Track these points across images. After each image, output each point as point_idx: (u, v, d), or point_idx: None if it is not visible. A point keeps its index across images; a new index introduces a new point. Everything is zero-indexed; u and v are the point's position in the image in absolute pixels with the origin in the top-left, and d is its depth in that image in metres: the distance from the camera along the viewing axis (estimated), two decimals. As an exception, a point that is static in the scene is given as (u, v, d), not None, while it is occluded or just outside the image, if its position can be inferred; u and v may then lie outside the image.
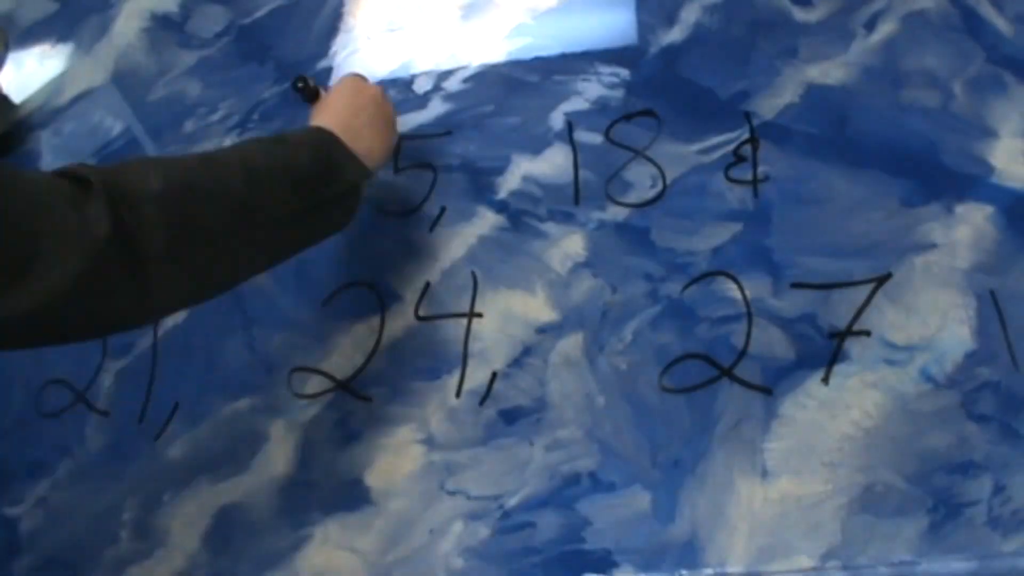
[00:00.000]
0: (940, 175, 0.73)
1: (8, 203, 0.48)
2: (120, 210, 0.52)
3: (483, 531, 0.65)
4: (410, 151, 0.87)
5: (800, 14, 0.87)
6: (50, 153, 1.00)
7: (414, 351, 0.74)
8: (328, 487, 0.70)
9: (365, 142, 0.71)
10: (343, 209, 0.68)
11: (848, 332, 0.67)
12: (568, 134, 0.83)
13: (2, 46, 1.08)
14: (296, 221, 0.63)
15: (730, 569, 0.59)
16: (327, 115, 0.72)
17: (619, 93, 0.85)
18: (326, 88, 0.79)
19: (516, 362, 0.72)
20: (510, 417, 0.69)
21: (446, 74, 0.92)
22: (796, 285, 0.70)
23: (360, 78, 0.79)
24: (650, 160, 0.79)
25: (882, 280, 0.68)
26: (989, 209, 0.70)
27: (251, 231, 0.60)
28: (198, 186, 0.57)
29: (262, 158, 0.62)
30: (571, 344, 0.71)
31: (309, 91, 0.79)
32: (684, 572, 0.59)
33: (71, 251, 0.49)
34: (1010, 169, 0.72)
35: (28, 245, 0.48)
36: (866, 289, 0.68)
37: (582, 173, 0.81)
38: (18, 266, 0.48)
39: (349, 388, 0.74)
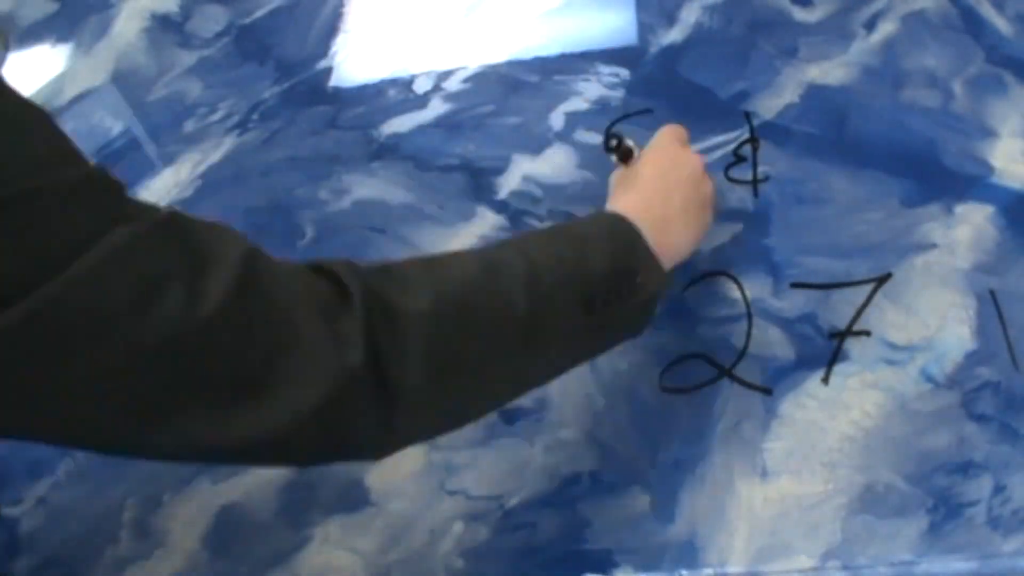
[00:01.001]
0: (940, 175, 0.73)
1: (256, 308, 0.42)
2: (379, 333, 0.45)
3: (483, 531, 0.65)
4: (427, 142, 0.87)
5: (800, 14, 0.87)
6: (50, 153, 1.00)
7: (414, 351, 0.74)
8: (328, 487, 0.70)
9: (672, 236, 0.60)
10: (636, 321, 0.59)
11: (848, 332, 0.66)
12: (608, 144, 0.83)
13: (2, 46, 1.08)
14: (578, 339, 0.55)
15: (730, 569, 0.59)
16: (633, 195, 0.62)
17: (619, 93, 0.85)
18: (639, 148, 0.67)
19: (516, 362, 0.72)
20: (510, 417, 0.69)
21: (446, 74, 0.92)
22: (796, 285, 0.70)
23: (679, 139, 0.67)
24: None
25: (882, 280, 0.68)
26: (989, 209, 0.70)
27: (524, 358, 0.52)
28: (473, 307, 0.49)
29: (551, 267, 0.52)
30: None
31: (624, 150, 0.66)
32: (684, 572, 0.59)
33: (317, 374, 0.43)
34: (1010, 169, 0.72)
35: (271, 360, 0.42)
36: (866, 289, 0.68)
37: (582, 173, 0.81)
38: (254, 382, 0.42)
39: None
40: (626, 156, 0.66)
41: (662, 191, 0.62)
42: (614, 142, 0.66)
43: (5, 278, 0.36)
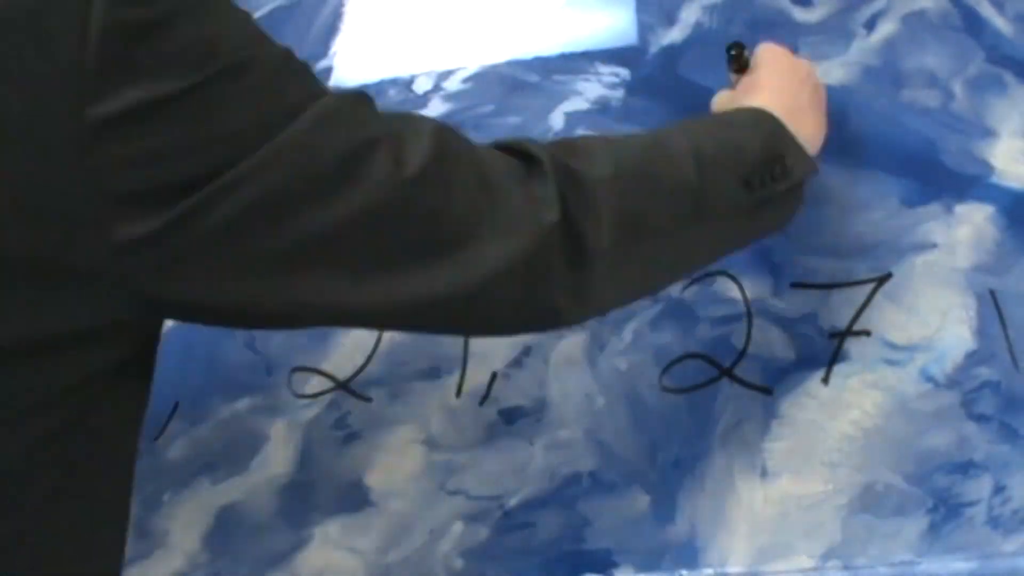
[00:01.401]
0: (940, 175, 0.73)
1: (455, 171, 0.45)
2: (569, 197, 0.48)
3: (483, 531, 0.65)
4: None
5: (800, 14, 0.87)
6: (50, 153, 1.00)
7: (414, 351, 0.74)
8: (328, 487, 0.70)
9: (807, 128, 0.63)
10: (786, 208, 0.61)
11: (848, 332, 0.66)
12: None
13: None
14: (741, 217, 0.57)
15: (730, 569, 0.59)
16: (765, 94, 0.63)
17: (619, 93, 0.85)
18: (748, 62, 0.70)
19: (516, 362, 0.72)
20: (510, 417, 0.69)
21: (446, 74, 0.92)
22: (796, 285, 0.70)
23: (787, 51, 0.70)
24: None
25: (882, 280, 0.68)
26: (989, 209, 0.70)
27: (699, 225, 0.55)
28: (650, 174, 0.52)
29: (712, 146, 0.56)
30: (571, 344, 0.71)
31: (742, 61, 0.69)
32: (684, 572, 0.59)
33: (516, 232, 0.46)
34: (1010, 169, 0.72)
35: (472, 218, 0.45)
36: (866, 289, 0.68)
37: (582, 173, 0.81)
38: (457, 238, 0.45)
39: (349, 388, 0.74)
40: (742, 67, 0.69)
41: (789, 88, 0.64)
42: (735, 51, 0.69)
43: (232, 137, 0.39)
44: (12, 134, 0.36)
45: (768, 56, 0.68)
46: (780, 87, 0.64)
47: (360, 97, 0.46)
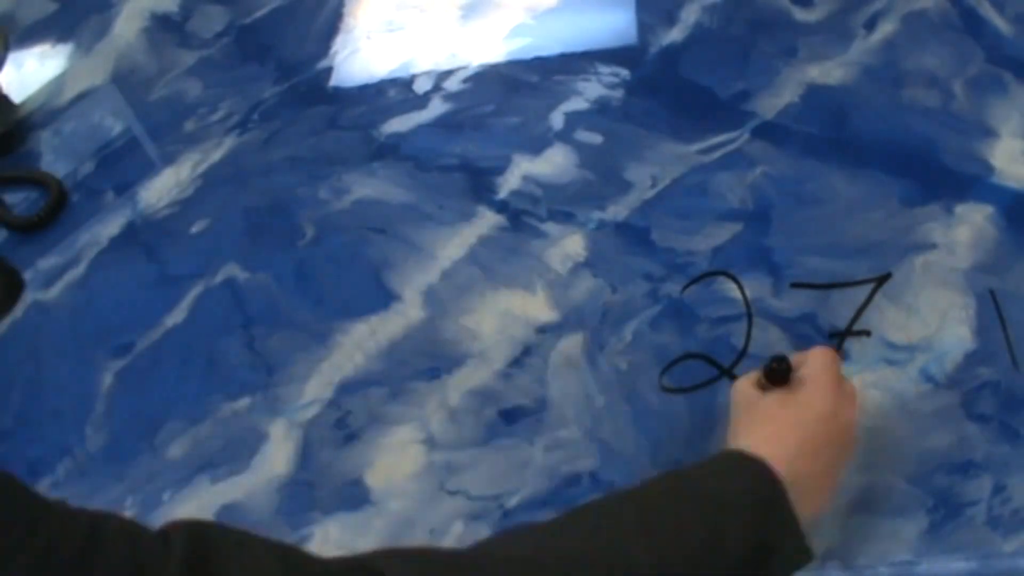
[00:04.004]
0: (940, 175, 0.73)
1: None
2: None
3: (483, 531, 0.65)
4: (421, 145, 0.87)
5: (800, 14, 0.87)
6: (50, 153, 1.00)
7: (414, 351, 0.74)
8: (328, 487, 0.70)
9: (812, 498, 0.51)
10: None
11: (848, 332, 0.66)
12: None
13: (2, 46, 1.08)
14: None
15: (730, 569, 0.59)
16: (780, 440, 0.51)
17: (619, 93, 0.85)
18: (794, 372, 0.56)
19: (516, 362, 0.72)
20: (510, 417, 0.69)
21: (446, 74, 0.92)
22: (796, 285, 0.70)
23: (839, 373, 0.55)
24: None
25: (882, 280, 0.68)
26: (989, 209, 0.70)
27: None
28: None
29: (678, 547, 0.46)
30: (571, 344, 0.71)
31: (782, 374, 0.55)
32: (684, 572, 0.59)
33: None
34: (1010, 169, 0.72)
35: None
36: (866, 289, 0.68)
37: (582, 173, 0.81)
38: None
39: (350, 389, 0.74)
40: (782, 379, 0.55)
41: (812, 444, 0.52)
42: (778, 364, 0.55)
43: None
44: None
45: (814, 380, 0.54)
46: (801, 434, 0.52)
47: None
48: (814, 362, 0.55)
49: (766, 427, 0.53)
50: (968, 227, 0.70)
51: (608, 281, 0.74)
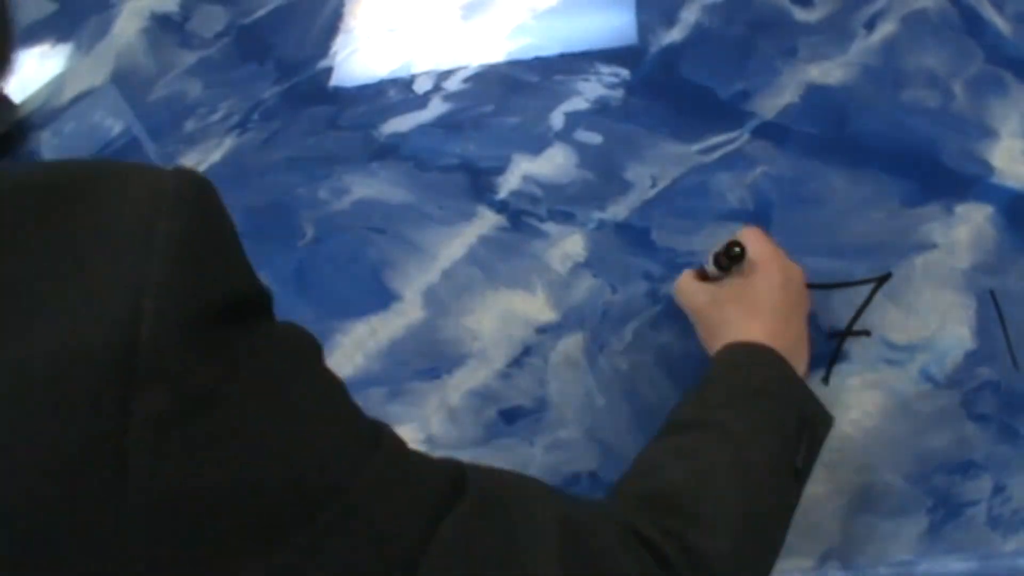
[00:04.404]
0: (940, 175, 0.73)
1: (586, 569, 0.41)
2: None
3: (483, 531, 0.65)
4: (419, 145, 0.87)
5: (800, 14, 0.87)
6: (50, 153, 1.00)
7: (414, 351, 0.74)
8: (328, 487, 0.70)
9: (799, 362, 0.57)
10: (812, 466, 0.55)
11: (848, 332, 0.66)
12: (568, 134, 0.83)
13: (2, 46, 1.08)
14: (791, 508, 0.53)
15: (730, 569, 0.59)
16: (762, 317, 0.58)
17: (619, 93, 0.85)
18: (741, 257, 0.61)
19: (516, 362, 0.72)
20: (510, 417, 0.69)
21: (446, 74, 0.92)
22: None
23: (774, 246, 0.62)
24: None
25: (882, 280, 0.68)
26: (989, 209, 0.70)
27: (773, 553, 0.50)
28: (757, 527, 0.49)
29: (772, 451, 0.51)
30: (571, 344, 0.71)
31: (739, 257, 0.60)
32: (684, 572, 0.59)
33: None
34: (1010, 169, 0.72)
35: None
36: (866, 289, 0.68)
37: (582, 173, 0.81)
38: None
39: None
40: (734, 261, 0.60)
41: (783, 314, 0.58)
42: (739, 248, 0.59)
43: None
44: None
45: (761, 260, 0.60)
46: (775, 314, 0.58)
47: (478, 503, 0.41)
48: (752, 243, 0.61)
49: (742, 314, 0.58)
50: (968, 227, 0.70)
51: (608, 281, 0.74)
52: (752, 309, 0.58)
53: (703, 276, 0.64)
